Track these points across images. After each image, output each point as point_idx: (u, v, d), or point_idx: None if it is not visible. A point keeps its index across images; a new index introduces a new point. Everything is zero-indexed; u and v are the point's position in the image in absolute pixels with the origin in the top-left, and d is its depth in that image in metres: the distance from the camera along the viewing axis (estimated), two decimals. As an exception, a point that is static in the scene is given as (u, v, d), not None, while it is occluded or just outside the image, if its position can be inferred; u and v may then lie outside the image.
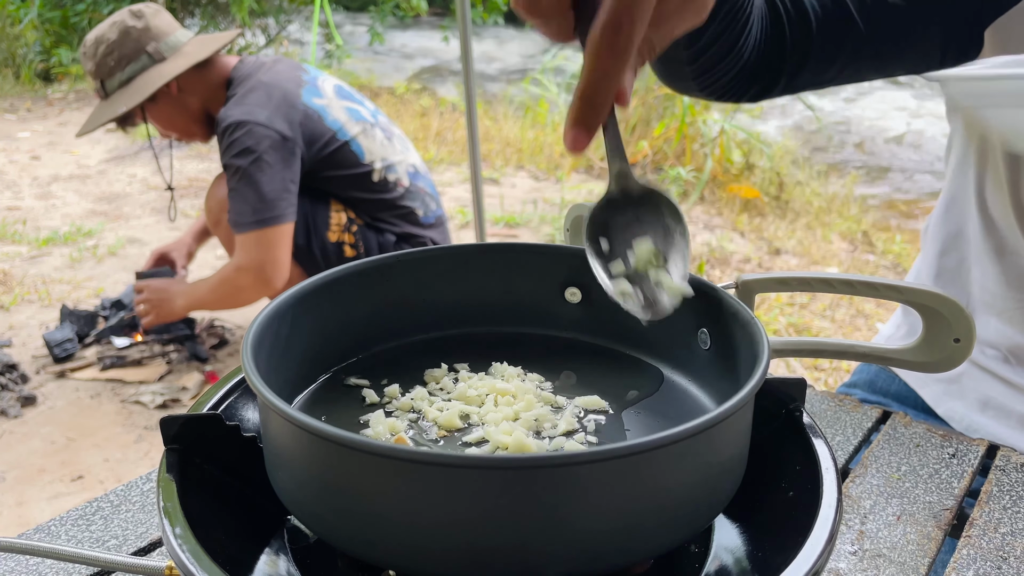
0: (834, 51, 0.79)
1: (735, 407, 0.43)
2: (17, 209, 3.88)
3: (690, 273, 0.58)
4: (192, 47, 2.25)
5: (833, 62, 0.80)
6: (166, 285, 2.34)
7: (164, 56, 2.20)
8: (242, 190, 2.13)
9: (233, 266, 2.19)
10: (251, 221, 2.13)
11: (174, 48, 2.22)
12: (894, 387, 0.99)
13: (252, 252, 2.15)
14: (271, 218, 2.13)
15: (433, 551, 0.42)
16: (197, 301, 2.31)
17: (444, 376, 0.60)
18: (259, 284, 2.17)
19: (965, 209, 0.92)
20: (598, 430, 0.54)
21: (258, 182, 2.11)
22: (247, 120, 2.11)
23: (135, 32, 2.18)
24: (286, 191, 2.14)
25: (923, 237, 1.00)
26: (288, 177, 2.15)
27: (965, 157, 0.91)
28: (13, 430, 2.18)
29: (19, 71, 6.53)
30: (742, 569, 0.49)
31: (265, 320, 0.53)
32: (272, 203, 2.12)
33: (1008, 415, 0.88)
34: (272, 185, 2.12)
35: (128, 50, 2.18)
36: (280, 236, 2.16)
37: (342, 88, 2.38)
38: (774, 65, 0.79)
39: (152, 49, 2.19)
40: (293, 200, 2.17)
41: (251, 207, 2.12)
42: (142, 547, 0.62)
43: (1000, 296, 0.89)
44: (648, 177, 4.31)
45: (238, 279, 2.18)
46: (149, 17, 2.21)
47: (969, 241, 0.92)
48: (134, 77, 2.20)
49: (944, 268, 0.95)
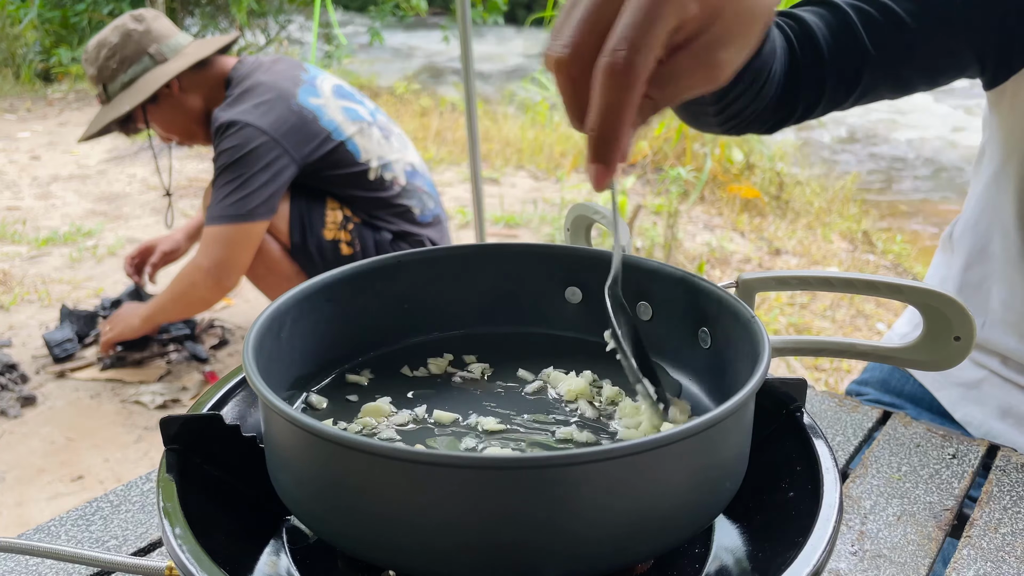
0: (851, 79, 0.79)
1: (735, 407, 0.43)
2: (17, 209, 3.88)
3: (690, 275, 0.58)
4: (193, 49, 2.27)
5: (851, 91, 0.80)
6: (131, 306, 2.40)
7: (166, 57, 2.22)
8: (220, 185, 2.14)
9: (193, 262, 2.20)
10: (220, 215, 2.14)
11: (175, 50, 2.24)
12: (908, 387, 0.98)
13: (213, 248, 2.16)
14: (242, 215, 2.14)
15: (433, 551, 0.42)
16: (154, 308, 2.32)
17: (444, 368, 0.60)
18: (209, 281, 2.17)
19: (996, 225, 0.88)
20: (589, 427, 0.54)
21: (237, 179, 2.12)
22: (237, 120, 2.12)
23: (136, 35, 2.20)
24: (264, 192, 2.14)
25: (945, 244, 0.97)
26: (270, 179, 2.15)
27: (1003, 172, 0.86)
28: (13, 430, 2.18)
29: (19, 71, 6.53)
30: (742, 569, 0.49)
31: (266, 320, 0.53)
32: (245, 200, 2.13)
33: None
34: (250, 184, 2.13)
35: (130, 52, 2.20)
36: (245, 235, 2.16)
37: (341, 88, 2.38)
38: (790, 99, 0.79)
39: (154, 50, 2.21)
40: (270, 203, 2.17)
41: (225, 202, 2.14)
42: (142, 547, 0.62)
43: None
44: (647, 177, 4.31)
45: (193, 274, 2.19)
46: (150, 21, 2.24)
47: (994, 257, 0.88)
48: (136, 79, 2.22)
49: (967, 282, 0.92)
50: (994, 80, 0.81)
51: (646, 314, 0.62)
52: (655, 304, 0.61)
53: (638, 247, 3.39)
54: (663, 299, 0.61)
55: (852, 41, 0.77)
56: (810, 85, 0.79)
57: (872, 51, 0.77)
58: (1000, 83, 0.81)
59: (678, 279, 0.59)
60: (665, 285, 0.60)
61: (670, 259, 3.31)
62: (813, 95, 0.79)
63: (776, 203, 4.12)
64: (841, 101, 0.81)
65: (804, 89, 0.79)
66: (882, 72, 0.79)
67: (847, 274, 0.58)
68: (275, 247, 2.31)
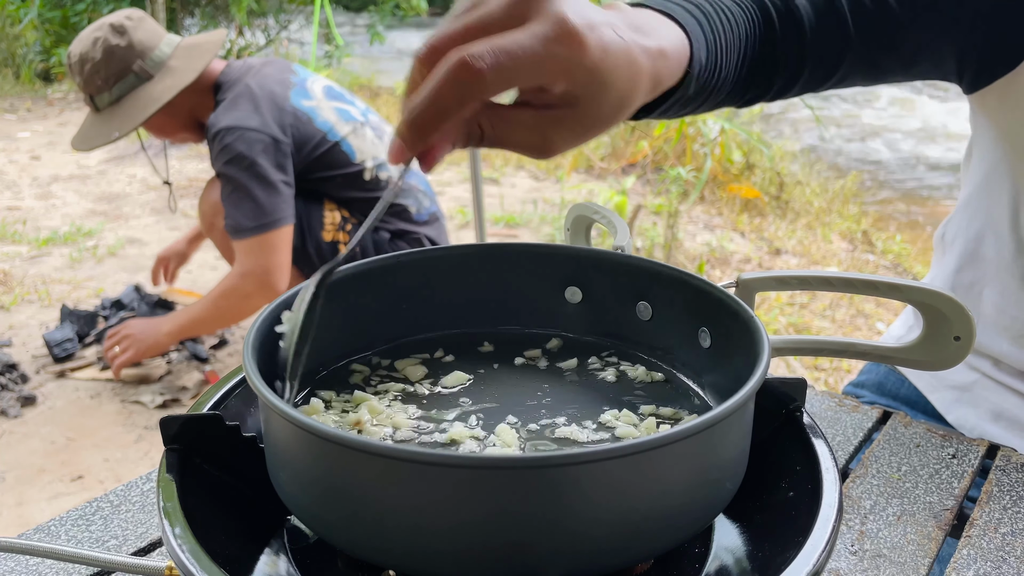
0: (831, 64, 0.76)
1: (735, 406, 0.43)
2: (17, 209, 3.88)
3: (690, 275, 0.58)
4: (178, 60, 2.22)
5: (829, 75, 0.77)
6: (143, 323, 2.28)
7: (151, 74, 2.18)
8: (238, 197, 2.12)
9: (237, 274, 2.17)
10: (251, 227, 2.13)
11: (160, 64, 2.19)
12: (903, 391, 0.97)
13: (255, 257, 2.14)
14: (271, 222, 2.13)
15: (433, 551, 0.42)
16: (190, 321, 2.24)
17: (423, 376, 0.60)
18: (264, 289, 2.16)
19: (988, 228, 0.86)
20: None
21: (254, 188, 2.11)
22: (237, 126, 2.11)
23: (119, 51, 2.14)
24: (282, 194, 2.14)
25: (937, 245, 0.96)
26: (283, 179, 2.15)
27: (995, 174, 0.84)
28: (13, 430, 2.18)
29: (19, 71, 6.53)
30: (742, 569, 0.49)
31: (266, 320, 0.53)
32: (270, 208, 2.12)
33: (1022, 427, 0.86)
34: (268, 189, 2.12)
35: (114, 70, 2.15)
36: (281, 239, 2.16)
37: (332, 89, 2.38)
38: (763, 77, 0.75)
39: (138, 68, 2.16)
40: (290, 202, 2.17)
41: (250, 214, 2.12)
42: (142, 547, 0.62)
43: (1020, 320, 0.85)
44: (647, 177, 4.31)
45: (244, 286, 2.17)
46: (131, 32, 2.17)
47: (987, 260, 0.87)
48: (123, 96, 2.18)
49: (959, 284, 0.90)
50: (974, 85, 0.79)
51: (646, 314, 0.62)
52: (655, 304, 0.61)
53: (638, 247, 3.39)
54: (663, 299, 0.61)
55: (837, 25, 0.74)
56: (787, 65, 0.75)
57: (856, 39, 0.75)
58: (980, 88, 0.79)
59: (678, 279, 0.59)
60: (665, 285, 0.60)
61: (670, 259, 3.31)
62: (789, 74, 0.76)
63: (776, 203, 4.12)
64: (818, 84, 0.79)
65: (780, 67, 0.75)
66: (861, 60, 0.77)
67: (847, 274, 0.58)
68: None
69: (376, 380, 0.60)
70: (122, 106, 2.18)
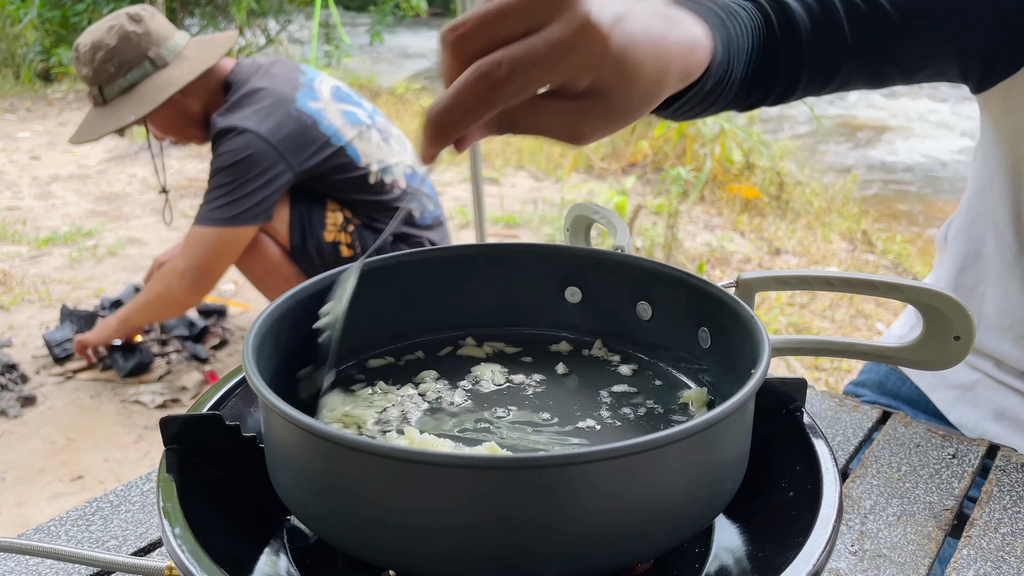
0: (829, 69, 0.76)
1: (735, 407, 0.43)
2: (17, 209, 3.88)
3: (690, 275, 0.58)
4: (192, 51, 2.24)
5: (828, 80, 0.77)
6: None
7: (167, 61, 2.19)
8: (212, 188, 2.14)
9: (169, 265, 2.20)
10: (207, 218, 2.14)
11: (175, 52, 2.21)
12: (904, 390, 0.97)
13: (193, 251, 2.16)
14: (227, 219, 2.14)
15: (433, 551, 0.42)
16: (129, 310, 2.30)
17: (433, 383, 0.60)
18: (184, 284, 2.17)
19: (989, 228, 0.86)
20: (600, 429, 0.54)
21: (229, 184, 2.12)
22: (236, 126, 2.12)
23: (135, 37, 2.15)
24: (254, 197, 2.14)
25: (939, 246, 0.96)
26: (262, 185, 2.14)
27: (996, 175, 0.84)
28: (13, 430, 2.18)
29: (19, 71, 6.53)
30: (742, 569, 0.49)
31: (266, 320, 0.53)
32: (233, 205, 2.13)
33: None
34: (242, 189, 2.12)
35: (129, 56, 2.15)
36: (229, 239, 2.16)
37: (339, 90, 2.37)
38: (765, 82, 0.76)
39: (154, 54, 2.17)
40: (259, 208, 2.16)
41: (214, 204, 2.14)
42: (142, 547, 0.62)
43: (1022, 321, 0.84)
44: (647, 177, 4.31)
45: (168, 276, 2.19)
46: (148, 21, 2.19)
47: (988, 261, 0.87)
48: (136, 84, 2.18)
49: (960, 285, 0.90)
50: (980, 85, 0.79)
51: (646, 314, 0.62)
52: (655, 304, 0.61)
53: (638, 247, 3.39)
54: (663, 299, 0.61)
55: (834, 32, 0.75)
56: (786, 71, 0.76)
57: (853, 44, 0.75)
58: (987, 88, 0.79)
59: (678, 279, 0.59)
60: (665, 285, 0.60)
61: (670, 259, 3.31)
62: (789, 80, 0.76)
63: (776, 203, 4.12)
64: (818, 89, 0.79)
65: (780, 74, 0.76)
66: (860, 66, 0.77)
67: (847, 274, 0.58)
68: (275, 249, 2.30)
69: (376, 380, 0.60)
70: (136, 93, 2.18)
